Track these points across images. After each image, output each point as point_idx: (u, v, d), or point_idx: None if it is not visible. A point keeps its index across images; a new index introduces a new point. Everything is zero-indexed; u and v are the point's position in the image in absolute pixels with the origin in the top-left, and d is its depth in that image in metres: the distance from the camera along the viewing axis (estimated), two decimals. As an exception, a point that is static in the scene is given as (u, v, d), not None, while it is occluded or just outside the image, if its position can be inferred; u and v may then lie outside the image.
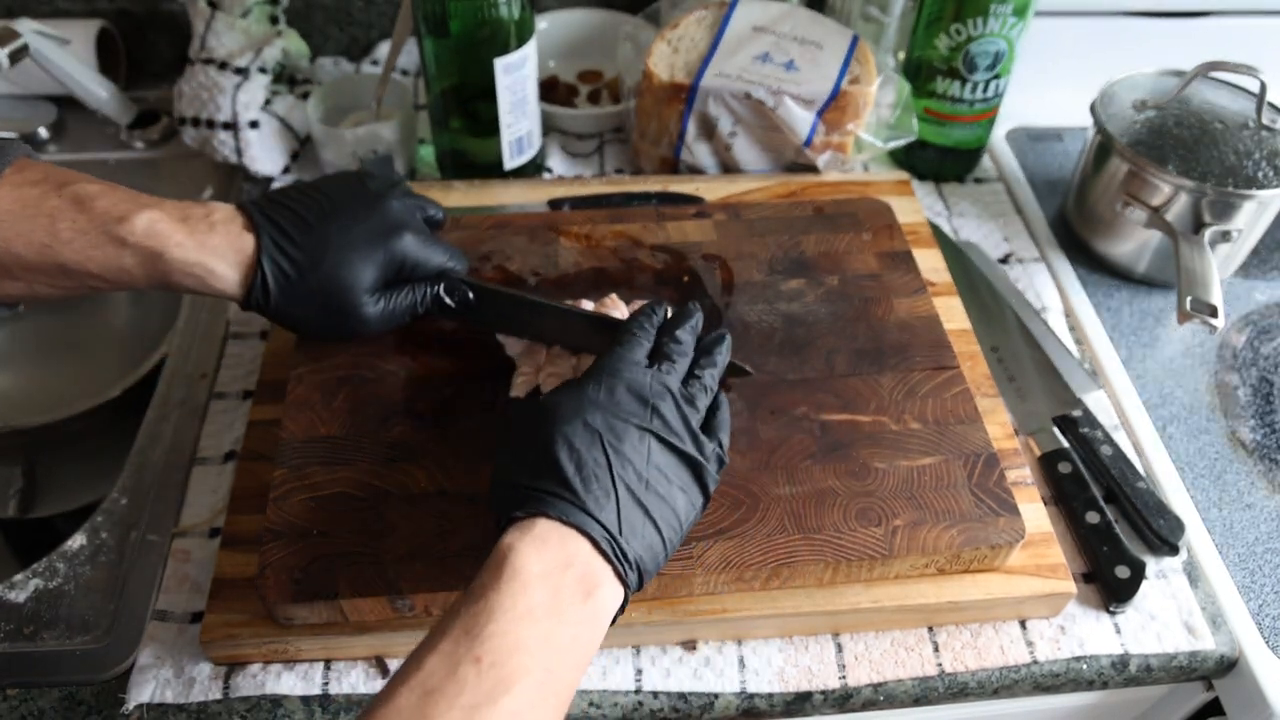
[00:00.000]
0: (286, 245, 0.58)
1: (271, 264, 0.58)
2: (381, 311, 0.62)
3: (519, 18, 0.77)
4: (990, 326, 0.78)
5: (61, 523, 0.88)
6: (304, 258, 0.59)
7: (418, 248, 0.62)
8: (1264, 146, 0.79)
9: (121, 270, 0.56)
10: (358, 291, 0.60)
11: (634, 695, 0.59)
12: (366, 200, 0.61)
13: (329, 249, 0.59)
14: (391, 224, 0.61)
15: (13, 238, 0.53)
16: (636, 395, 0.51)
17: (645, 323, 0.57)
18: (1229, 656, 0.62)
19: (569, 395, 0.51)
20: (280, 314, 0.60)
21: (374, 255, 0.60)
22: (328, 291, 0.59)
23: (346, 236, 0.59)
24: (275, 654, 0.58)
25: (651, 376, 0.52)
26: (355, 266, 0.59)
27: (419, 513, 0.59)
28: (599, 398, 0.50)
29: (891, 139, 0.87)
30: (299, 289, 0.59)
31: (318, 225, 0.59)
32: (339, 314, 0.61)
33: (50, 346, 0.99)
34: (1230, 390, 0.77)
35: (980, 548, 0.59)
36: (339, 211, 0.60)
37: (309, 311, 0.60)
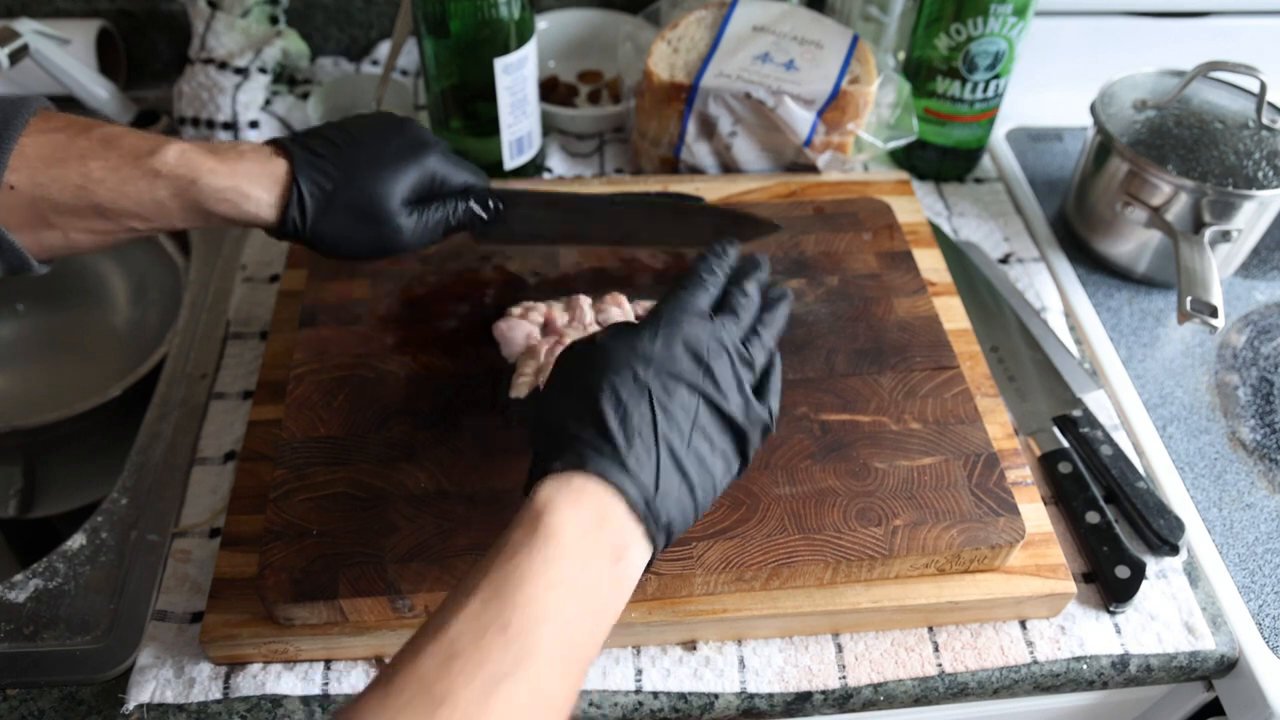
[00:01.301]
0: (320, 163, 0.58)
1: (308, 180, 0.58)
2: (415, 224, 0.61)
3: (519, 18, 0.77)
4: (990, 326, 0.78)
5: (61, 523, 0.88)
6: (338, 173, 0.59)
7: (445, 163, 0.62)
8: (1264, 146, 0.79)
9: (156, 204, 0.55)
10: (394, 200, 0.60)
11: (634, 695, 0.59)
12: (394, 122, 0.62)
13: (361, 164, 0.59)
14: (419, 140, 0.62)
15: (47, 183, 0.53)
16: (693, 350, 0.49)
17: (715, 265, 0.55)
18: (1229, 656, 0.62)
19: (623, 341, 0.49)
20: (316, 234, 0.59)
21: (405, 168, 0.60)
22: (363, 204, 0.59)
23: (378, 150, 0.60)
24: (275, 654, 0.58)
25: (711, 331, 0.50)
26: (388, 177, 0.59)
27: (419, 513, 0.59)
28: (654, 349, 0.48)
29: (891, 139, 0.87)
30: (335, 204, 0.59)
31: (347, 147, 0.60)
32: (375, 226, 0.60)
33: (50, 346, 0.99)
34: (1230, 390, 0.77)
35: (980, 548, 0.59)
36: (367, 133, 0.61)
37: (345, 228, 0.60)
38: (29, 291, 0.99)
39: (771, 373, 0.54)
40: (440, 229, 0.63)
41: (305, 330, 0.69)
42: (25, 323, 0.99)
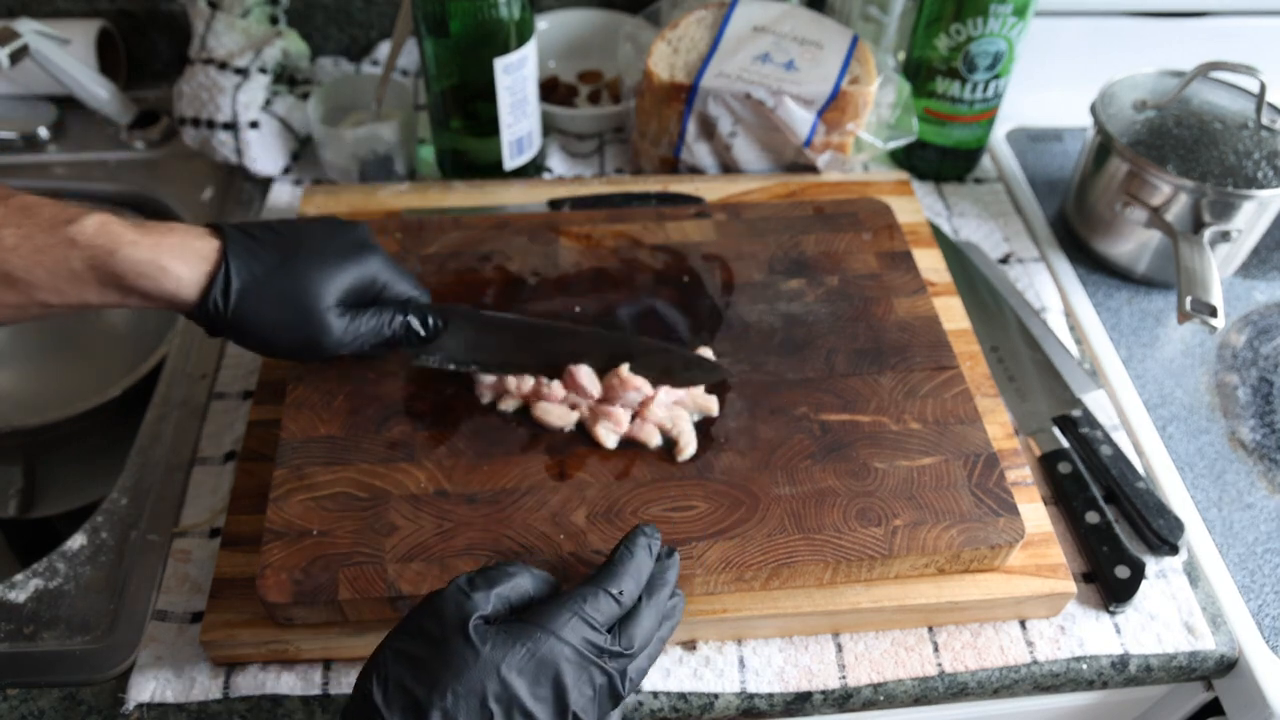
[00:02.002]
0: (255, 247, 0.56)
1: (239, 261, 0.55)
2: (346, 328, 0.58)
3: (519, 18, 0.77)
4: (990, 326, 0.78)
5: (61, 523, 0.88)
6: (273, 260, 0.56)
7: (387, 270, 0.61)
8: (1264, 146, 0.79)
9: (71, 275, 0.52)
10: (326, 298, 0.57)
11: (634, 695, 0.59)
12: (340, 224, 0.61)
13: (299, 255, 0.57)
14: (363, 243, 0.60)
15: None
16: (556, 689, 0.45)
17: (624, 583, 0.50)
18: (1229, 656, 0.62)
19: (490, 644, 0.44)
20: (238, 320, 0.56)
21: (344, 266, 0.58)
22: (293, 296, 0.56)
23: (318, 245, 0.58)
24: (275, 654, 0.58)
25: (591, 673, 0.46)
26: (325, 273, 0.57)
27: (419, 513, 0.59)
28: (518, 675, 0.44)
29: (891, 139, 0.87)
30: (263, 292, 0.56)
31: (288, 236, 0.58)
32: (303, 322, 0.57)
33: (50, 346, 0.99)
34: (1230, 390, 0.77)
35: (980, 548, 0.59)
36: (312, 229, 0.59)
37: (269, 318, 0.56)
38: (29, 291, 0.99)
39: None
40: (372, 338, 0.60)
41: (305, 330, 0.69)
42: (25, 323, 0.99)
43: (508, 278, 0.74)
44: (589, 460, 0.62)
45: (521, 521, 0.59)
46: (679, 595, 0.54)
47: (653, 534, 0.53)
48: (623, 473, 0.62)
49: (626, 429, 0.63)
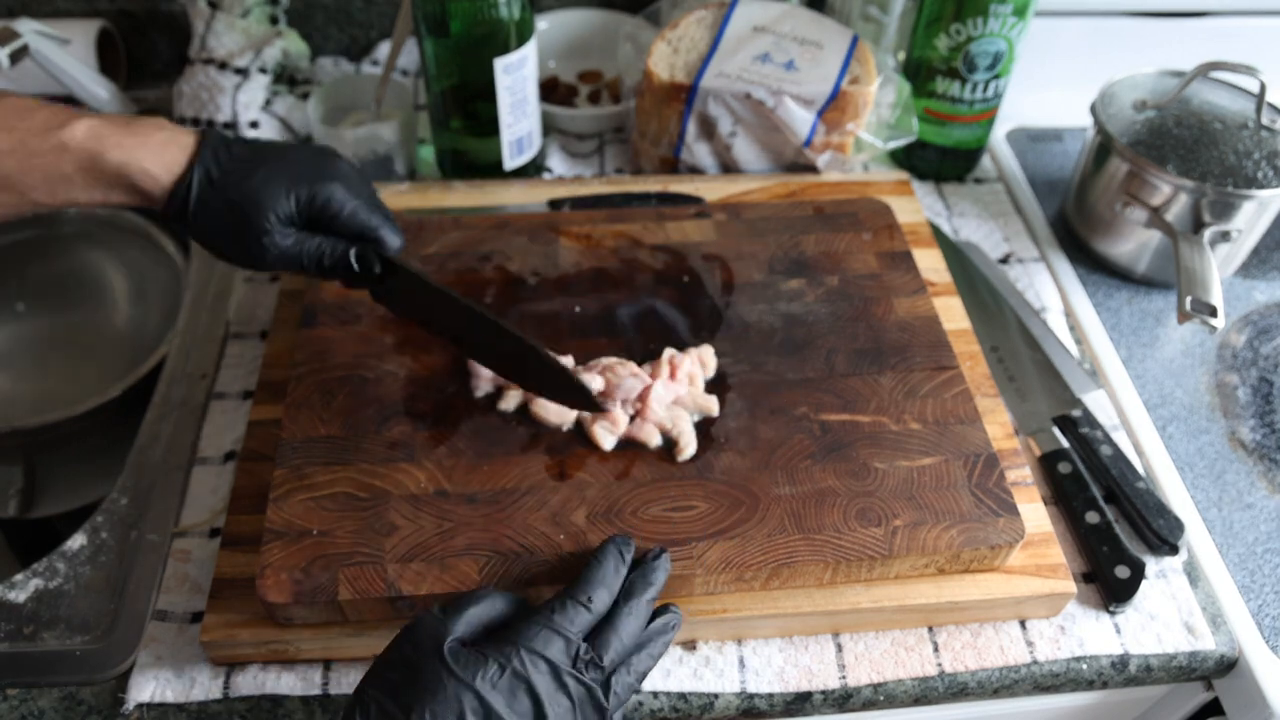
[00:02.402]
0: (223, 156, 0.58)
1: (202, 167, 0.57)
2: (287, 248, 0.59)
3: (519, 18, 0.77)
4: (990, 326, 0.78)
5: (61, 523, 0.88)
6: (235, 170, 0.58)
7: (350, 201, 0.60)
8: (1264, 146, 0.79)
9: (62, 177, 0.55)
10: (269, 215, 0.58)
11: (634, 695, 0.59)
12: (318, 150, 0.62)
13: (261, 167, 0.58)
14: (331, 172, 0.60)
15: None
16: (533, 701, 0.45)
17: (597, 590, 0.51)
18: (1229, 656, 0.62)
19: (464, 666, 0.45)
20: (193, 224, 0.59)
21: (297, 186, 0.59)
22: (240, 204, 0.58)
23: (282, 162, 0.59)
24: (275, 654, 0.58)
25: (566, 684, 0.47)
26: (274, 189, 0.58)
27: (419, 513, 0.59)
28: (493, 690, 0.45)
29: (891, 139, 0.87)
30: (218, 197, 0.58)
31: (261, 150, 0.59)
32: (241, 231, 0.58)
33: (50, 346, 0.99)
34: (1230, 390, 0.77)
35: (980, 548, 0.59)
36: (285, 148, 0.61)
37: (218, 224, 0.59)
38: (29, 291, 0.99)
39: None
40: (309, 263, 0.60)
41: (305, 330, 0.69)
42: (25, 323, 0.99)
43: (508, 278, 0.74)
44: (589, 460, 0.62)
45: (521, 521, 0.59)
46: (674, 612, 0.54)
47: (623, 543, 0.54)
48: (623, 473, 0.62)
49: (626, 429, 0.63)
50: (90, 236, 0.96)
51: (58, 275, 0.98)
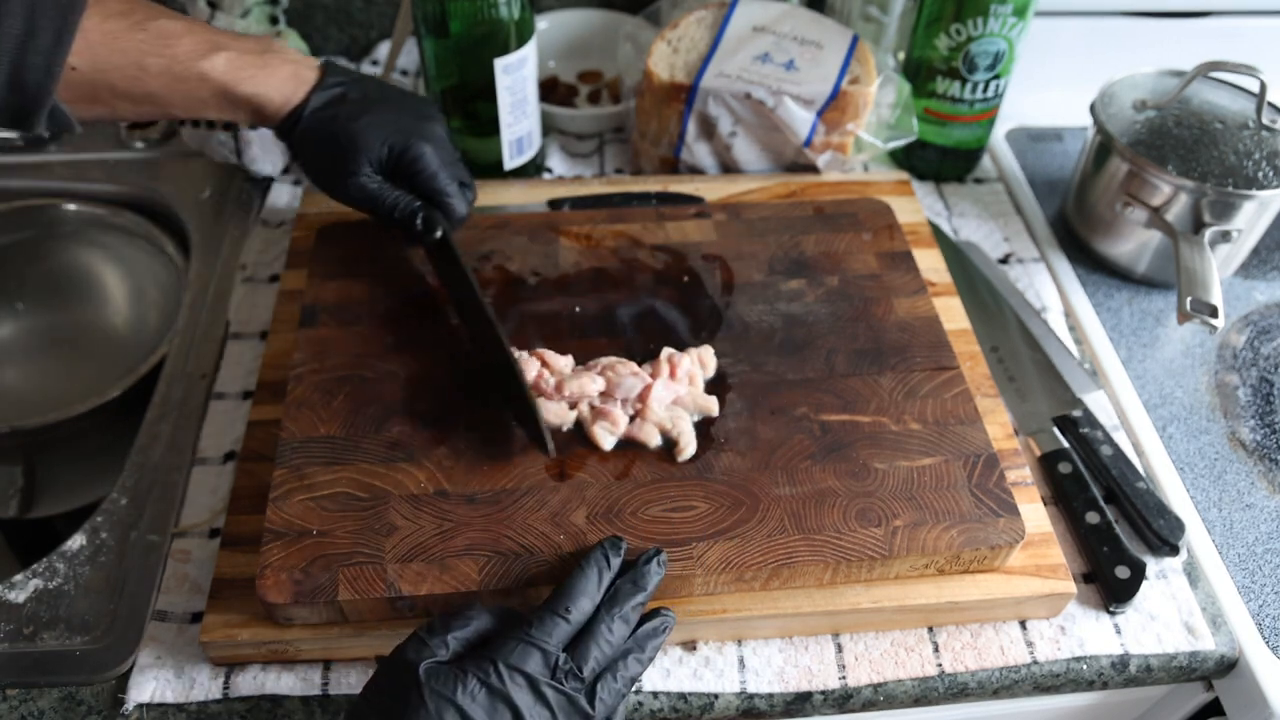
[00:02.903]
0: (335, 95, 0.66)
1: (319, 101, 0.65)
2: (367, 190, 0.67)
3: (519, 18, 0.77)
4: (990, 326, 0.78)
5: (61, 523, 0.88)
6: (343, 110, 0.66)
7: (436, 163, 0.67)
8: (1264, 146, 0.79)
9: (197, 100, 0.63)
10: (360, 157, 0.66)
11: (634, 695, 0.59)
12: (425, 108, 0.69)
13: (366, 112, 0.66)
14: (428, 133, 0.67)
15: (106, 69, 0.59)
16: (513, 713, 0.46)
17: (577, 600, 0.51)
18: (1229, 657, 0.62)
19: (441, 682, 0.46)
20: (294, 149, 0.68)
21: (395, 140, 0.66)
22: (340, 143, 0.66)
23: (386, 111, 0.66)
24: (275, 654, 0.58)
25: (545, 696, 0.47)
26: (374, 138, 0.66)
27: (419, 513, 0.59)
28: (472, 703, 0.46)
29: (891, 139, 0.87)
30: (319, 135, 0.66)
31: (373, 94, 0.67)
32: (339, 170, 0.66)
33: (50, 346, 0.99)
34: (1230, 390, 0.77)
35: (980, 548, 0.59)
36: (395, 102, 0.68)
37: (315, 155, 0.67)
38: (29, 291, 0.99)
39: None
40: (384, 211, 0.68)
41: (305, 330, 0.69)
42: (25, 323, 0.99)
43: (508, 278, 0.74)
44: (589, 460, 0.62)
45: (521, 521, 0.59)
46: (665, 615, 0.54)
47: (611, 547, 0.55)
48: (622, 473, 0.62)
49: (626, 429, 0.63)
50: (90, 236, 0.96)
51: (58, 275, 0.98)
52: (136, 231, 0.94)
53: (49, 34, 0.56)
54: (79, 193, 0.94)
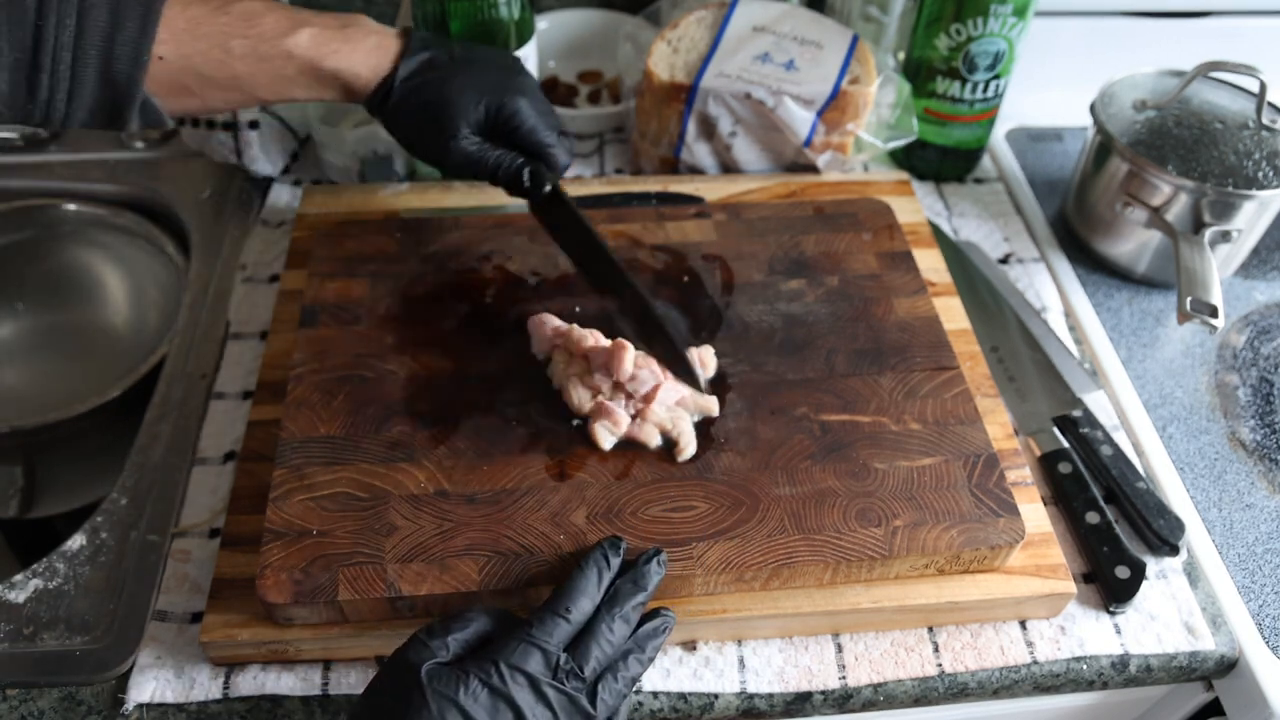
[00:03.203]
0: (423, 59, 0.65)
1: (406, 71, 0.64)
2: (469, 152, 0.65)
3: (519, 18, 0.77)
4: (990, 326, 0.78)
5: (61, 523, 0.88)
6: (433, 76, 0.64)
7: (533, 116, 0.66)
8: (1264, 146, 0.79)
9: (285, 79, 0.63)
10: (458, 121, 0.64)
11: (634, 695, 0.59)
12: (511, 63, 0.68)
13: (456, 75, 0.65)
14: (520, 87, 0.66)
15: (191, 55, 0.59)
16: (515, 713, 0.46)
17: (577, 600, 0.51)
18: (1229, 657, 0.62)
19: (443, 683, 0.46)
20: (390, 121, 0.66)
21: (489, 100, 0.65)
22: (435, 109, 0.64)
23: (475, 72, 0.65)
24: (275, 654, 0.58)
25: (546, 696, 0.47)
26: (468, 100, 0.64)
27: (419, 513, 0.59)
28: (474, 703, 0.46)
29: (891, 139, 0.87)
30: (414, 99, 0.65)
31: (459, 56, 0.66)
32: (436, 137, 0.65)
33: (50, 346, 0.99)
34: (1230, 390, 0.77)
35: (980, 548, 0.59)
36: (482, 61, 0.67)
37: (411, 125, 0.66)
38: (29, 291, 0.99)
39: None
40: (487, 170, 0.66)
41: (305, 330, 0.69)
42: (25, 323, 0.99)
43: (508, 278, 0.74)
44: (589, 460, 0.62)
45: (521, 522, 0.59)
46: (666, 615, 0.54)
47: (611, 547, 0.55)
48: (622, 473, 0.62)
49: (626, 430, 0.63)
50: (90, 236, 0.96)
51: (58, 275, 0.98)
52: (136, 231, 0.94)
53: (134, 23, 0.56)
54: (79, 193, 0.94)
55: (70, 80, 0.55)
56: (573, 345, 0.66)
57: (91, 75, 0.56)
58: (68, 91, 0.56)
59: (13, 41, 0.53)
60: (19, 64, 0.54)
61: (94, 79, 0.56)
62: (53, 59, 0.54)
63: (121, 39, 0.55)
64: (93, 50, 0.55)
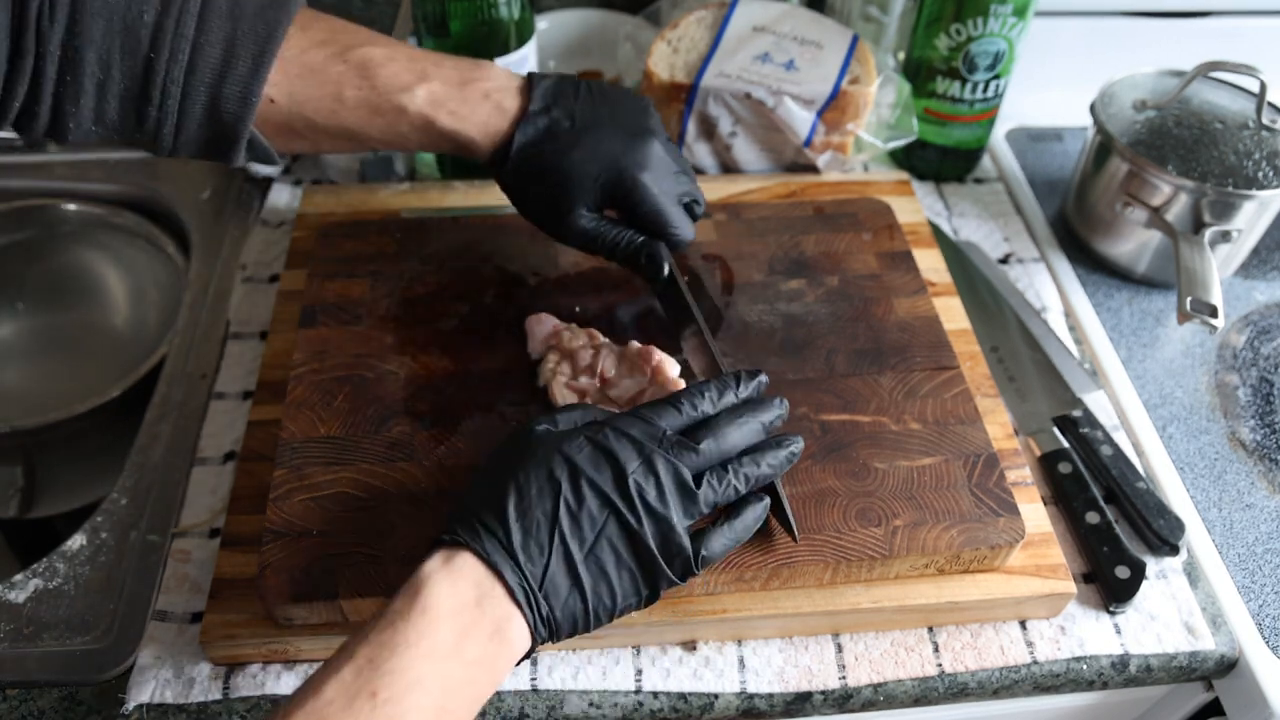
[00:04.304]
0: (545, 127, 0.61)
1: (523, 138, 0.61)
2: (586, 230, 0.63)
3: (519, 18, 0.77)
4: (990, 326, 0.78)
5: (61, 523, 0.88)
6: (550, 148, 0.61)
7: (656, 195, 0.62)
8: (1264, 146, 0.79)
9: (397, 134, 0.61)
10: (578, 199, 0.62)
11: (634, 695, 0.59)
12: (640, 129, 0.63)
13: (576, 146, 0.61)
14: (645, 162, 0.62)
15: (303, 101, 0.57)
16: (616, 464, 0.49)
17: (698, 399, 0.53)
18: (1229, 657, 0.62)
19: (552, 440, 0.50)
20: (506, 187, 0.64)
21: (611, 177, 0.61)
22: (550, 183, 0.62)
23: (599, 149, 0.61)
24: (275, 654, 0.58)
25: (646, 451, 0.49)
26: (589, 177, 0.61)
27: (419, 513, 0.59)
28: (579, 453, 0.49)
29: (891, 139, 0.87)
30: (531, 169, 0.62)
31: (582, 123, 0.61)
32: (551, 211, 0.63)
33: (50, 346, 0.99)
34: (1230, 390, 0.77)
35: (980, 548, 0.59)
36: (606, 125, 0.62)
37: (529, 195, 0.64)
38: (29, 291, 0.99)
39: (736, 517, 0.52)
40: (604, 248, 0.64)
41: (305, 330, 0.69)
42: (25, 323, 0.99)
43: (508, 278, 0.74)
44: (589, 460, 0.62)
45: (521, 522, 0.59)
46: (795, 439, 0.55)
47: (748, 375, 0.56)
48: (623, 473, 0.62)
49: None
50: (90, 236, 0.96)
51: (58, 275, 0.98)
52: (136, 231, 0.94)
53: (247, 64, 0.54)
54: (79, 193, 0.94)
55: (178, 114, 0.54)
56: (563, 347, 0.66)
57: (199, 111, 0.54)
58: (175, 125, 0.54)
59: (124, 70, 0.52)
60: (128, 93, 0.53)
61: (201, 115, 0.55)
62: (161, 92, 0.53)
63: (232, 78, 0.54)
64: (202, 87, 0.54)
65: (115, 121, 0.54)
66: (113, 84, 0.52)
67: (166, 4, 0.52)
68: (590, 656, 0.60)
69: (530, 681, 0.59)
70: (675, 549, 0.49)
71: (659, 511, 0.49)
